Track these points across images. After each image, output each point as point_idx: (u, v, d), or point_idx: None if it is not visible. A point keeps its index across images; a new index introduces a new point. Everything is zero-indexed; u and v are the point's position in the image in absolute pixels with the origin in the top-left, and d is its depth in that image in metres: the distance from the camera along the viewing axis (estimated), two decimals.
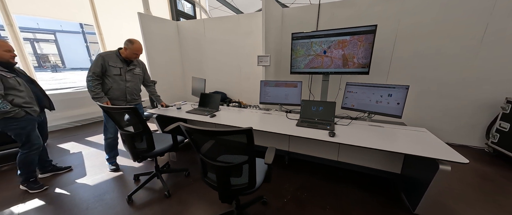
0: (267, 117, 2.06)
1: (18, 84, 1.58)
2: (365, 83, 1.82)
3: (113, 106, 1.77)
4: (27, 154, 1.69)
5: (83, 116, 3.68)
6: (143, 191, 1.77)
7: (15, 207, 1.60)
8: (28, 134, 1.66)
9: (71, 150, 2.64)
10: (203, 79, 2.60)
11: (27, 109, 1.63)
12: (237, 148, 0.99)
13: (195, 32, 4.04)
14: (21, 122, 1.62)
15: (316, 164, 2.13)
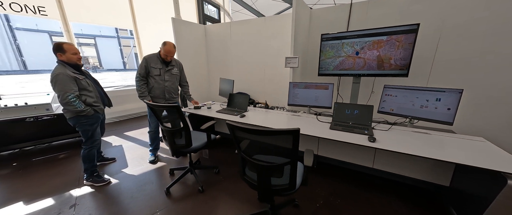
0: (297, 119, 2.04)
1: (88, 84, 1.75)
2: (408, 86, 1.70)
3: (158, 103, 1.91)
4: (90, 149, 1.85)
5: (122, 113, 4.04)
6: (178, 184, 1.88)
7: (74, 190, 1.82)
8: (93, 130, 1.82)
9: (113, 143, 2.93)
10: (231, 80, 2.68)
11: (96, 108, 1.79)
12: (280, 148, 1.00)
13: (221, 35, 4.19)
14: (90, 120, 1.78)
15: (346, 170, 2.04)
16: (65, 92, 1.59)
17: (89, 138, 1.82)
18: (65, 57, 1.66)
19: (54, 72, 1.60)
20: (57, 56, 1.66)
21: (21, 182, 1.94)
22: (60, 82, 1.58)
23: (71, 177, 2.05)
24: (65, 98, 1.60)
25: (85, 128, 1.77)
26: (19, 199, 1.70)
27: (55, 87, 1.59)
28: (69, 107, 1.63)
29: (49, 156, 2.50)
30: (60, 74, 1.59)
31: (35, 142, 2.75)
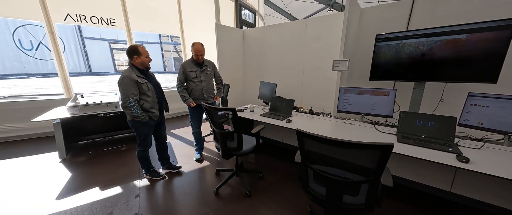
0: (350, 127, 1.87)
1: (148, 89, 1.76)
2: (508, 95, 1.37)
3: (216, 106, 1.92)
4: (143, 151, 1.94)
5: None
6: (226, 186, 1.92)
7: (136, 181, 2.03)
8: (146, 135, 1.87)
9: None
10: (274, 83, 2.64)
11: (150, 114, 1.81)
12: (360, 164, 0.89)
13: (259, 38, 4.23)
14: (144, 125, 1.82)
15: (414, 191, 1.77)
16: (126, 95, 1.65)
17: (142, 141, 1.88)
18: (140, 60, 1.72)
19: (122, 75, 1.67)
20: (132, 59, 1.70)
21: (96, 169, 2.26)
22: (124, 85, 1.64)
23: (132, 168, 2.29)
24: (125, 102, 1.65)
25: (139, 132, 1.83)
26: (96, 184, 1.97)
27: (120, 89, 1.67)
28: (127, 110, 1.69)
29: (114, 148, 2.86)
30: (126, 77, 1.64)
31: (103, 135, 3.21)
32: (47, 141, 3.06)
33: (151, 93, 1.78)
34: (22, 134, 3.10)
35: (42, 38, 14.53)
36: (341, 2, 9.98)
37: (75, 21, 3.22)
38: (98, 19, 3.39)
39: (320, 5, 11.65)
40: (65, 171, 2.22)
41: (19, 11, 2.87)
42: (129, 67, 1.72)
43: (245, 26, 6.09)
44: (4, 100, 3.00)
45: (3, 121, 2.97)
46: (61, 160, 2.45)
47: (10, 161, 2.44)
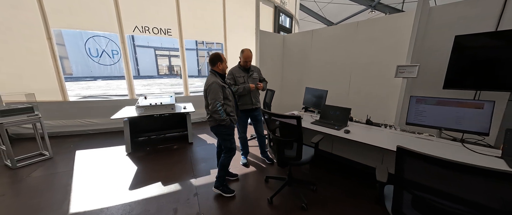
0: (430, 144, 1.61)
1: (229, 94, 1.79)
2: None
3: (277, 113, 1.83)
4: (229, 158, 1.87)
5: None
6: (278, 195, 1.86)
7: (192, 180, 2.15)
8: (232, 139, 1.84)
9: (207, 141, 3.36)
10: (324, 90, 2.51)
11: (231, 118, 1.79)
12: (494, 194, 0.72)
13: (300, 43, 4.14)
14: (228, 130, 1.81)
15: None
16: (215, 100, 1.65)
17: (230, 148, 1.84)
18: (222, 66, 1.77)
19: (209, 80, 1.69)
20: (216, 66, 1.76)
21: (155, 165, 2.49)
22: (213, 90, 1.65)
23: (185, 166, 2.45)
24: (214, 106, 1.65)
25: (225, 138, 1.81)
26: (158, 179, 2.15)
27: (209, 94, 1.67)
28: (215, 115, 1.68)
29: (167, 146, 3.13)
30: (214, 82, 1.66)
31: (157, 133, 3.54)
32: (113, 136, 3.54)
33: (231, 97, 1.82)
34: (96, 128, 3.65)
35: (105, 46, 17.34)
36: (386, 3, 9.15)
37: (141, 32, 3.71)
38: (158, 29, 3.83)
39: (358, 7, 10.93)
40: (132, 164, 2.50)
41: (101, 26, 3.45)
42: (211, 73, 1.78)
43: (282, 31, 6.09)
44: (85, 99, 3.62)
45: (84, 117, 3.56)
46: (127, 154, 2.78)
47: (90, 151, 2.88)
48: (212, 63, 1.78)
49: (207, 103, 1.74)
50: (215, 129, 1.79)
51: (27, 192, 1.91)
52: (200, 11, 4.19)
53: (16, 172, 2.27)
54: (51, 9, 3.09)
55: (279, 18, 5.81)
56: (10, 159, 2.30)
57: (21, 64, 3.12)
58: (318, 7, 12.07)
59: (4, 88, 3.10)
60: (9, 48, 3.02)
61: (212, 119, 1.76)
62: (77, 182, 2.09)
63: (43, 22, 3.08)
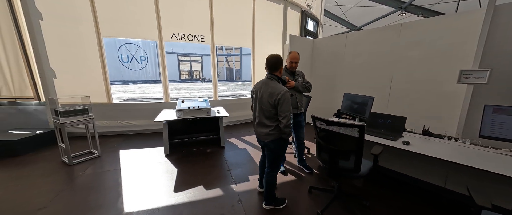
0: None
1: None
2: None
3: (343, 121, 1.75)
4: (276, 175, 1.71)
5: (235, 118, 4.69)
6: (328, 209, 1.75)
7: (233, 186, 2.13)
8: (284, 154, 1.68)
9: (238, 146, 3.36)
10: (369, 97, 2.35)
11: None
12: None
13: (333, 47, 4.01)
14: (286, 144, 1.64)
15: None
16: (290, 112, 1.47)
17: (278, 164, 1.70)
18: (280, 73, 1.62)
19: (279, 88, 1.49)
20: (278, 70, 1.59)
21: (194, 168, 2.53)
22: (287, 101, 1.46)
23: (223, 171, 2.45)
24: (290, 119, 1.47)
25: (281, 153, 1.64)
26: (200, 182, 2.17)
27: (282, 105, 1.45)
28: (287, 129, 1.49)
29: (200, 148, 3.19)
30: (287, 91, 1.47)
31: (190, 136, 3.64)
32: (150, 137, 3.72)
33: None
34: (135, 129, 3.87)
35: (134, 53, 18.78)
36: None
37: (177, 39, 3.91)
38: (192, 36, 4.01)
39: (385, 10, 10.40)
40: (171, 166, 2.57)
41: (144, 34, 3.71)
42: (273, 80, 1.57)
43: (308, 36, 6.00)
44: (126, 102, 3.88)
45: (124, 118, 3.81)
46: (165, 155, 2.88)
47: (132, 151, 3.04)
48: (273, 67, 1.58)
49: (271, 114, 1.52)
50: (275, 143, 1.57)
51: (84, 189, 2.05)
52: (231, 17, 4.31)
53: (72, 168, 2.46)
54: (103, 19, 3.40)
55: (306, 23, 5.73)
56: (68, 156, 2.51)
57: (76, 69, 3.46)
58: (341, 10, 11.76)
59: (61, 91, 3.46)
60: (68, 55, 3.37)
61: (274, 132, 1.54)
62: (126, 181, 2.19)
63: (96, 32, 3.41)
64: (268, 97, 1.52)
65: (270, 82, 1.58)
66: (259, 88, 1.64)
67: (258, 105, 1.62)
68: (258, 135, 1.67)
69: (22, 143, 2.79)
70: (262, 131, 1.61)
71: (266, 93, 1.54)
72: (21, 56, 3.29)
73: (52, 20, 3.21)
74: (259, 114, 1.62)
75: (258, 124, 1.65)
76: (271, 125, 1.56)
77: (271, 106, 1.52)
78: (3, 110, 3.54)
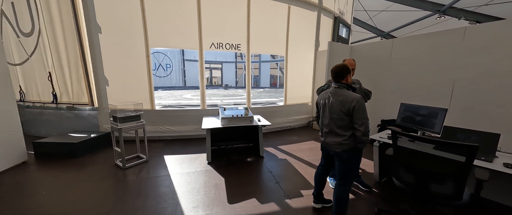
0: None
1: None
2: None
3: (443, 140, 1.44)
4: (349, 190, 1.57)
5: (268, 126, 4.60)
6: None
7: (287, 200, 2.02)
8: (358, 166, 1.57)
9: (277, 155, 3.26)
10: (441, 109, 2.10)
11: None
12: None
13: (375, 53, 3.79)
14: (361, 153, 1.55)
15: None
16: (367, 119, 1.39)
17: (351, 176, 1.55)
18: (350, 79, 1.56)
19: (352, 95, 1.44)
20: (344, 78, 1.53)
21: (240, 178, 2.47)
22: (363, 107, 1.40)
23: (270, 182, 2.36)
24: (367, 127, 1.39)
25: (355, 165, 1.53)
26: (251, 195, 2.10)
27: (357, 113, 1.39)
28: (365, 137, 1.40)
29: (239, 157, 3.14)
30: (361, 98, 1.42)
31: (226, 143, 3.64)
32: (188, 143, 3.80)
33: None
34: (173, 134, 4.00)
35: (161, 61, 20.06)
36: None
37: (216, 48, 4.03)
38: (230, 45, 4.11)
39: (417, 14, 9.77)
40: (217, 174, 2.55)
41: (185, 44, 3.91)
42: (342, 88, 1.52)
43: (340, 42, 5.82)
44: (166, 108, 4.05)
45: (164, 124, 3.96)
46: (208, 163, 2.89)
47: (175, 157, 3.11)
48: (339, 76, 1.54)
49: (344, 123, 1.45)
50: (348, 153, 1.49)
51: (142, 194, 2.10)
52: (266, 25, 4.35)
53: (126, 172, 2.57)
54: (152, 31, 3.65)
55: (339, 29, 5.58)
56: (122, 160, 2.63)
57: (125, 77, 3.72)
58: (368, 16, 11.33)
59: (110, 97, 3.73)
60: (119, 65, 3.65)
61: (348, 142, 1.47)
62: (178, 188, 2.21)
63: (145, 43, 3.65)
64: (340, 105, 1.48)
65: (340, 90, 1.55)
66: (327, 98, 1.61)
67: (328, 115, 1.58)
68: (328, 145, 1.60)
69: (81, 146, 3.02)
70: (334, 140, 1.54)
71: (337, 101, 1.50)
72: (81, 65, 3.64)
73: (109, 33, 3.52)
74: (329, 123, 1.57)
75: (329, 134, 1.59)
76: (344, 134, 1.49)
77: (345, 114, 1.46)
78: (62, 114, 3.92)
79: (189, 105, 4.40)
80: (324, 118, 1.63)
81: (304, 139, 4.13)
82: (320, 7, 4.94)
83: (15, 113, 2.71)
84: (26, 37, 3.85)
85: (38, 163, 2.80)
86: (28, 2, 3.66)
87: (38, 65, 3.87)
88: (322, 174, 1.83)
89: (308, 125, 5.32)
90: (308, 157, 3.12)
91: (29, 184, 2.27)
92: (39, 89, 4.00)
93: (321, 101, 1.66)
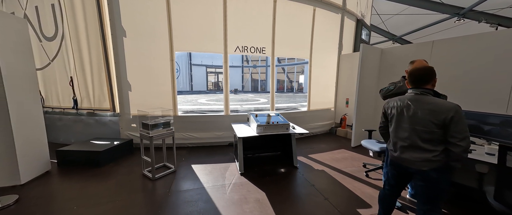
0: None
1: None
2: None
3: None
4: None
5: None
6: None
7: None
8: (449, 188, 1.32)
9: (312, 166, 3.02)
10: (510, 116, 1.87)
11: None
12: None
13: (412, 56, 3.57)
14: (452, 173, 1.31)
15: None
16: (468, 132, 1.17)
17: (440, 200, 1.30)
18: (433, 86, 1.33)
19: (446, 103, 1.22)
20: (430, 83, 1.31)
21: (281, 192, 2.25)
22: (463, 118, 1.18)
23: (317, 197, 2.12)
24: (469, 142, 1.17)
25: (445, 186, 1.29)
26: (302, 214, 1.87)
27: (458, 123, 1.17)
28: (465, 154, 1.19)
29: (272, 167, 2.93)
30: (460, 107, 1.21)
31: (253, 152, 3.43)
32: (213, 151, 3.60)
33: None
34: (195, 142, 3.82)
35: None
36: None
37: (241, 51, 3.88)
38: (255, 48, 3.96)
39: (434, 17, 9.55)
40: (255, 187, 2.33)
41: (210, 47, 3.77)
42: (427, 95, 1.30)
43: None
44: (188, 114, 3.89)
45: (187, 130, 3.78)
46: (241, 173, 2.67)
47: (204, 167, 2.90)
48: (424, 79, 1.30)
49: (435, 136, 1.23)
50: (439, 172, 1.24)
51: (181, 210, 1.90)
52: (291, 29, 4.20)
53: (156, 184, 2.38)
54: (177, 35, 3.53)
55: (361, 31, 5.41)
56: (152, 171, 2.44)
57: (148, 82, 3.58)
58: (381, 19, 11.17)
59: (132, 102, 3.58)
60: (142, 69, 3.52)
61: (438, 158, 1.23)
62: (219, 204, 1.99)
63: (169, 46, 3.53)
64: (430, 115, 1.23)
65: (424, 97, 1.30)
66: (404, 106, 1.36)
67: (408, 126, 1.33)
68: (408, 162, 1.34)
69: (105, 154, 2.85)
70: (419, 156, 1.29)
71: (424, 110, 1.26)
72: (104, 70, 3.53)
73: (133, 36, 3.41)
74: (410, 136, 1.32)
75: (409, 149, 1.33)
76: (434, 150, 1.24)
77: (437, 126, 1.22)
78: (82, 120, 3.79)
79: (210, 111, 4.23)
80: (399, 129, 1.38)
81: (332, 147, 3.89)
82: (344, 9, 4.79)
83: (41, 120, 2.57)
84: (49, 41, 3.78)
85: (61, 173, 2.64)
86: (52, 6, 3.60)
87: (59, 69, 3.78)
88: (391, 196, 1.56)
89: (330, 131, 5.08)
90: (347, 168, 2.88)
91: (56, 197, 2.10)
92: (59, 94, 3.90)
93: (394, 109, 1.42)
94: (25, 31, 2.44)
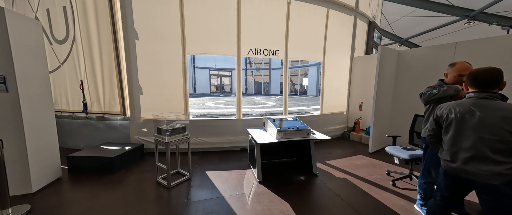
0: None
1: None
2: None
3: None
4: None
5: None
6: None
7: None
8: None
9: (333, 173, 2.88)
10: None
11: None
12: None
13: (433, 58, 3.46)
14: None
15: None
16: None
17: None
18: (500, 89, 1.24)
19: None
20: (499, 86, 1.22)
21: (307, 204, 2.11)
22: None
23: (349, 209, 1.98)
24: None
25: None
26: None
27: None
28: None
29: (290, 174, 2.80)
30: None
31: (268, 158, 3.30)
32: (225, 156, 3.48)
33: None
34: (206, 146, 3.70)
35: None
36: None
37: (254, 54, 3.79)
38: (268, 51, 3.87)
39: (442, 20, 9.44)
40: (277, 198, 2.19)
41: (223, 50, 3.68)
42: (495, 99, 1.20)
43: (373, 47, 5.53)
44: (200, 118, 3.79)
45: (198, 135, 3.67)
46: (259, 181, 2.54)
47: (219, 174, 2.78)
48: (493, 82, 1.20)
49: (509, 146, 1.12)
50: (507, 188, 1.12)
51: None
52: (304, 31, 4.12)
53: (172, 193, 2.26)
54: (189, 37, 3.45)
55: (374, 34, 5.31)
56: (168, 178, 2.33)
57: (160, 85, 3.50)
58: (387, 22, 11.09)
59: (143, 106, 3.49)
60: (154, 72, 3.44)
61: (496, 170, 1.13)
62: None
63: (182, 49, 3.45)
64: (504, 122, 1.12)
65: (492, 102, 1.19)
66: (467, 112, 1.23)
67: (473, 134, 1.20)
68: (473, 175, 1.20)
69: (117, 160, 2.75)
70: (488, 169, 1.15)
71: (496, 117, 1.14)
72: (115, 73, 3.45)
73: (145, 39, 3.34)
74: (476, 145, 1.18)
75: (474, 160, 1.19)
76: (507, 162, 1.11)
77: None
78: (92, 124, 3.70)
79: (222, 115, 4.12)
80: (461, 138, 1.25)
81: (349, 153, 3.74)
82: (357, 11, 4.70)
83: (53, 125, 2.48)
84: (59, 44, 3.72)
85: (73, 180, 2.53)
86: (64, 8, 3.55)
87: (70, 73, 3.71)
88: (447, 208, 1.40)
89: (343, 135, 4.94)
90: (370, 176, 2.73)
91: (69, 208, 1.98)
92: (69, 97, 3.82)
93: (452, 115, 1.28)
94: (39, 34, 2.37)
